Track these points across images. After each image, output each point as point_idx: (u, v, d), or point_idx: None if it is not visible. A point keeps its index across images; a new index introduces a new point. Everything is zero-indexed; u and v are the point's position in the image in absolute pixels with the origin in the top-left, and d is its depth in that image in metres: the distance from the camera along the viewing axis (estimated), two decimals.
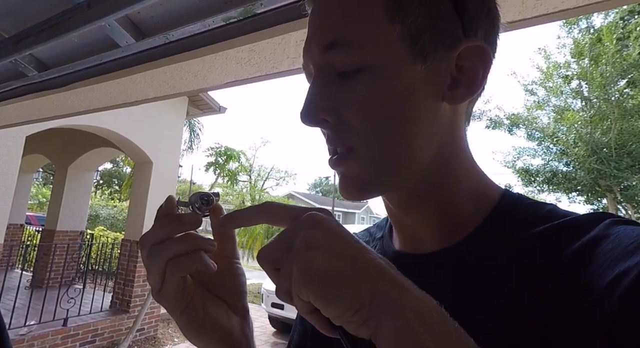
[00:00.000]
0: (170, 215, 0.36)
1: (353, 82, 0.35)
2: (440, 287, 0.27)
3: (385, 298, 0.24)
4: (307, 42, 0.38)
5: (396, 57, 0.34)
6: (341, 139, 0.37)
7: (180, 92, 1.33)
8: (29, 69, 1.30)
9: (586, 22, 8.99)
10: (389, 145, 0.35)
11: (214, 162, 7.66)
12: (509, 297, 0.32)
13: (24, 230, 8.68)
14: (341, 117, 0.36)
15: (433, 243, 0.40)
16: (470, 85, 0.36)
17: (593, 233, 0.30)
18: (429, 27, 0.34)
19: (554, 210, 0.36)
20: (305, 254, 0.26)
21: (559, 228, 0.33)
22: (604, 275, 0.27)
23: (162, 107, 6.00)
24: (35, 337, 4.27)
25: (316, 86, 0.37)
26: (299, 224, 0.29)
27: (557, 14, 0.75)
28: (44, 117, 1.83)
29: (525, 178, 9.96)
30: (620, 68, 7.99)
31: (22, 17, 1.14)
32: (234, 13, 0.84)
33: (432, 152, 0.37)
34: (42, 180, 23.07)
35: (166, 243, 0.34)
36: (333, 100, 0.36)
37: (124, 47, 1.06)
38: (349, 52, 0.34)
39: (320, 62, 0.37)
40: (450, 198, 0.39)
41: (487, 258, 0.35)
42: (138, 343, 5.33)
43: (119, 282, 5.64)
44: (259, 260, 0.30)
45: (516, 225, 0.36)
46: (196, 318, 0.38)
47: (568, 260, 0.30)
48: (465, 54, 0.35)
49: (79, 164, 6.89)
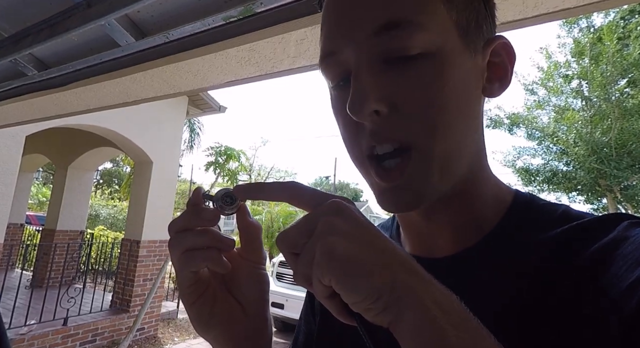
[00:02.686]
0: (194, 206, 0.36)
1: (411, 69, 0.32)
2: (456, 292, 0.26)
3: (406, 287, 0.24)
4: (340, 27, 0.34)
5: (455, 45, 0.33)
6: (395, 133, 0.32)
7: (180, 91, 1.33)
8: (29, 68, 1.30)
9: (586, 21, 8.99)
10: (452, 137, 0.33)
11: (214, 161, 7.66)
12: (525, 300, 0.32)
13: (24, 230, 8.69)
14: (397, 107, 0.32)
15: (448, 248, 0.38)
16: (502, 79, 0.36)
17: (612, 235, 0.30)
18: (475, 20, 0.34)
19: (568, 210, 0.36)
20: (329, 238, 0.26)
21: (576, 230, 0.32)
22: (624, 277, 0.26)
23: (162, 107, 5.99)
24: (36, 337, 4.27)
25: (366, 73, 0.32)
26: (321, 210, 0.28)
27: (558, 14, 0.75)
28: (44, 117, 1.82)
29: (525, 177, 9.95)
30: (621, 67, 7.98)
31: (21, 16, 1.14)
32: (233, 12, 0.84)
33: (474, 147, 0.37)
34: (42, 179, 23.07)
35: (185, 234, 0.35)
36: (387, 89, 0.32)
37: (123, 46, 1.06)
38: (410, 34, 0.31)
39: (370, 46, 0.32)
40: (475, 202, 0.38)
41: (503, 262, 0.35)
42: (138, 343, 5.33)
43: (119, 281, 5.64)
44: (278, 244, 0.30)
45: (531, 228, 0.35)
46: (203, 314, 0.38)
47: (586, 262, 0.30)
48: (498, 49, 0.36)
49: (79, 163, 6.89)
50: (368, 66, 0.33)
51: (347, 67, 0.34)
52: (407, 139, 0.33)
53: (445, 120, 0.32)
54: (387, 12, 0.31)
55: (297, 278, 0.29)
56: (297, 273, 0.29)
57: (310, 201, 0.31)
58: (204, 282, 0.38)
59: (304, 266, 0.27)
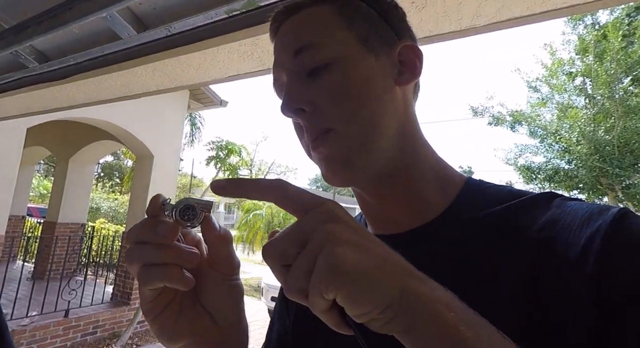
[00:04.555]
0: (152, 218, 0.34)
1: (322, 76, 0.41)
2: (418, 263, 0.28)
3: (415, 293, 0.25)
4: (277, 58, 0.45)
5: (354, 53, 0.42)
6: (319, 124, 0.41)
7: (182, 85, 1.32)
8: (30, 61, 1.29)
9: (591, 18, 8.90)
10: (362, 120, 0.41)
11: (215, 156, 7.64)
12: (482, 270, 0.36)
13: (25, 222, 8.72)
14: (316, 105, 0.41)
15: (406, 224, 0.44)
16: (412, 72, 0.45)
17: (552, 211, 0.37)
18: (374, 32, 0.44)
19: (512, 190, 0.43)
20: (335, 249, 0.24)
21: (517, 206, 0.39)
22: (575, 243, 0.32)
23: (163, 100, 5.98)
24: (37, 328, 4.30)
25: (292, 84, 0.43)
26: (314, 217, 0.27)
27: (565, 10, 0.74)
28: (45, 109, 1.82)
29: (527, 175, 9.93)
30: (625, 65, 7.92)
31: (22, 8, 1.13)
32: (237, 5, 0.83)
33: (396, 129, 0.43)
34: (44, 172, 23.13)
35: (143, 248, 0.33)
36: (308, 93, 0.41)
37: (125, 39, 1.05)
38: (315, 51, 0.42)
39: (292, 66, 0.43)
40: (417, 179, 0.44)
41: (458, 235, 0.40)
42: (139, 335, 5.37)
43: (119, 274, 5.67)
44: (265, 256, 0.28)
45: (481, 206, 0.41)
46: (166, 327, 0.36)
47: (537, 236, 0.35)
48: (403, 51, 0.45)
49: (80, 156, 6.90)
50: (292, 79, 0.43)
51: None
52: (328, 125, 0.41)
53: (352, 107, 0.41)
54: (298, 41, 0.43)
55: (289, 291, 0.26)
56: (290, 287, 0.26)
57: (299, 205, 0.28)
58: (167, 295, 0.36)
59: (300, 279, 0.25)
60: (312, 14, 0.44)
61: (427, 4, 0.75)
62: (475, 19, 0.78)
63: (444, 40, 0.86)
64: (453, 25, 0.80)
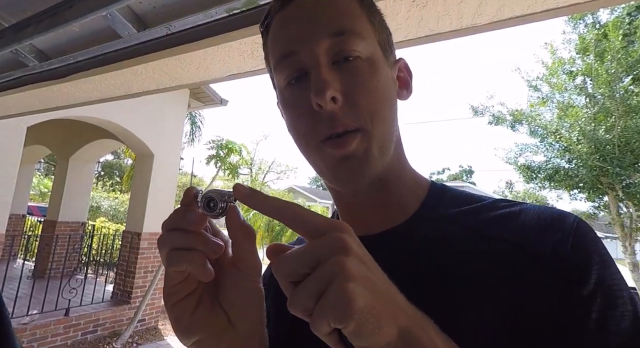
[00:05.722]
0: (184, 207, 0.35)
1: (354, 68, 0.41)
2: (390, 262, 0.32)
3: (410, 335, 0.28)
4: (300, 31, 0.42)
5: (380, 56, 0.43)
6: (351, 118, 0.40)
7: (182, 84, 1.32)
8: (30, 59, 1.29)
9: (592, 17, 8.88)
10: (389, 125, 0.43)
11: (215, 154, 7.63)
12: (457, 266, 0.39)
13: (25, 221, 8.73)
14: (349, 96, 0.40)
15: (379, 226, 0.46)
16: (407, 88, 0.48)
17: (523, 217, 0.40)
18: (387, 41, 0.46)
19: (470, 193, 0.47)
20: (348, 285, 0.26)
21: (483, 207, 0.43)
22: (544, 242, 0.37)
23: (163, 99, 5.97)
24: (38, 326, 4.31)
25: (325, 68, 0.40)
26: (328, 244, 0.28)
27: (566, 9, 0.73)
28: (45, 108, 1.82)
29: (527, 175, 9.92)
30: (626, 64, 7.90)
31: (22, 6, 1.13)
32: (237, 4, 0.82)
33: (397, 136, 0.45)
34: (44, 171, 23.13)
35: (172, 234, 0.34)
36: (340, 82, 0.40)
37: (125, 37, 1.05)
38: (359, 41, 0.41)
39: (327, 47, 0.41)
40: (401, 183, 0.47)
41: (429, 234, 0.42)
42: (139, 334, 5.38)
43: (120, 273, 5.68)
44: (275, 269, 0.29)
45: (448, 206, 0.45)
46: (183, 318, 0.37)
47: (509, 236, 0.39)
48: (401, 66, 0.48)
49: (80, 155, 6.90)
50: (326, 64, 0.41)
51: (302, 66, 0.42)
52: (359, 122, 0.40)
53: (381, 109, 0.42)
54: (336, 23, 0.41)
55: (294, 307, 0.28)
56: (295, 304, 0.27)
57: (310, 230, 0.29)
58: (190, 285, 0.36)
59: (307, 299, 0.27)
60: (344, 1, 0.42)
61: (428, 3, 0.74)
62: (476, 18, 0.78)
63: (444, 39, 0.86)
64: (454, 24, 0.80)
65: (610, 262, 0.36)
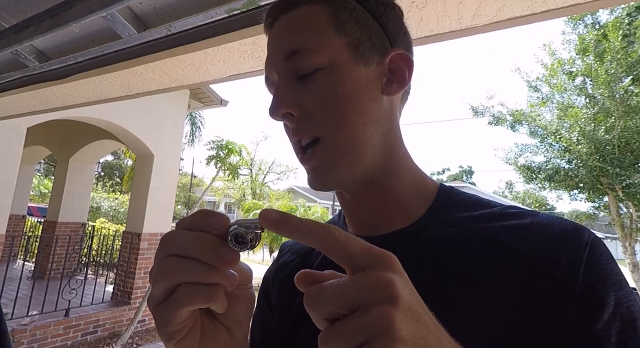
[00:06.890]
0: (213, 238, 0.30)
1: (312, 82, 0.42)
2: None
3: None
4: (270, 56, 0.46)
5: (344, 61, 0.43)
6: (306, 130, 0.43)
7: (182, 84, 1.32)
8: (30, 60, 1.29)
9: (592, 18, 8.88)
10: (348, 130, 0.42)
11: (215, 155, 7.63)
12: (462, 267, 0.39)
13: (25, 221, 8.73)
14: (304, 110, 0.43)
15: (385, 227, 0.46)
16: (400, 82, 0.46)
17: (527, 224, 0.40)
18: (366, 39, 0.44)
19: (479, 197, 0.47)
20: (390, 345, 0.22)
21: (494, 214, 0.43)
22: (556, 257, 0.37)
23: (163, 100, 5.98)
24: (38, 327, 4.31)
25: (281, 87, 0.44)
26: (371, 288, 0.24)
27: (565, 10, 0.73)
28: (45, 109, 1.82)
29: (527, 175, 9.92)
30: (626, 65, 7.90)
31: (22, 7, 1.13)
32: (237, 5, 0.83)
33: (379, 137, 0.44)
34: (44, 171, 23.13)
35: (190, 263, 0.29)
36: (297, 98, 0.43)
37: (125, 38, 1.05)
38: (307, 57, 0.42)
39: (283, 68, 0.44)
40: (396, 185, 0.46)
41: (435, 237, 0.42)
42: (139, 334, 5.38)
43: (120, 273, 5.68)
44: (307, 302, 0.26)
45: (456, 209, 0.45)
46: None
47: (520, 246, 0.38)
48: (394, 59, 0.45)
49: (80, 155, 6.90)
50: (283, 82, 0.44)
51: (275, 86, 0.45)
52: (316, 133, 0.43)
53: (340, 117, 0.42)
54: (290, 44, 0.43)
55: (326, 346, 0.24)
56: (327, 344, 0.24)
57: (350, 260, 0.25)
58: (192, 317, 0.33)
59: (338, 341, 0.24)
60: (307, 15, 0.44)
61: (427, 4, 0.75)
62: (476, 19, 0.78)
63: (444, 39, 0.86)
64: (453, 25, 0.80)
65: (625, 283, 0.36)
